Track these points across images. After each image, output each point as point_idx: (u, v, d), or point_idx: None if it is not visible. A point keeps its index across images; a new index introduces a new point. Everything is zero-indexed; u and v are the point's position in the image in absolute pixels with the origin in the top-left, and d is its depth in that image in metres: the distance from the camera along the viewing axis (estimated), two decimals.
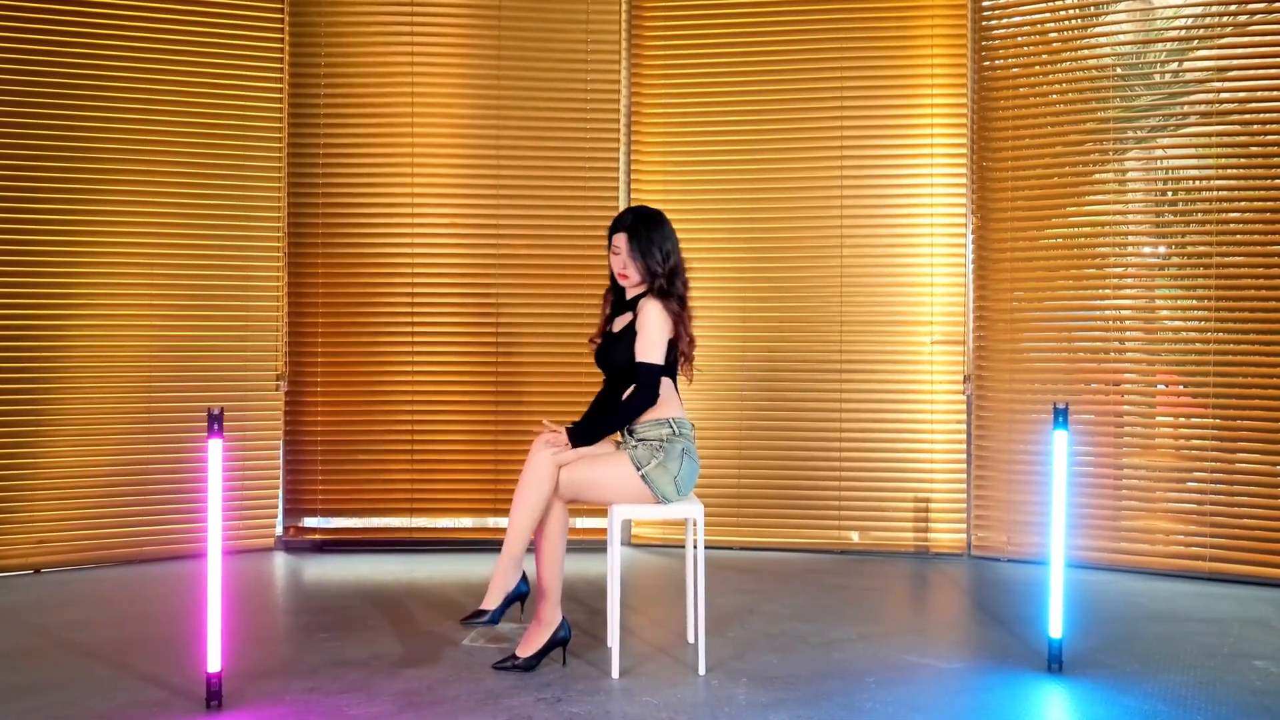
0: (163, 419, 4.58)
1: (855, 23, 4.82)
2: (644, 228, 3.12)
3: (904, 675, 3.06)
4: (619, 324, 3.19)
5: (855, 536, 4.80)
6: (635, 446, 3.08)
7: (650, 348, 3.03)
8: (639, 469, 3.01)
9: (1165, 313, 4.49)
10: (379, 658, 3.18)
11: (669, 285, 3.10)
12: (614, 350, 3.14)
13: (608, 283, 3.28)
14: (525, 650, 3.03)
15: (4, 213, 4.33)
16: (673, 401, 3.13)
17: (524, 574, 3.04)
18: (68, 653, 3.24)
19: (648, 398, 3.03)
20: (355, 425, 4.86)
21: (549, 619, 3.04)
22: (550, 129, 4.90)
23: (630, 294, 3.19)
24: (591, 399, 3.32)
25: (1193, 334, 4.37)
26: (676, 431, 3.07)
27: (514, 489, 2.99)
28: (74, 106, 4.44)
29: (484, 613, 2.94)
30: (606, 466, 3.04)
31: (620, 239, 3.12)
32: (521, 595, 3.03)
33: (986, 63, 4.74)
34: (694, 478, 3.10)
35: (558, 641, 3.06)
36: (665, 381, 3.09)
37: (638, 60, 4.97)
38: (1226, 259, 4.27)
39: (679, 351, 3.15)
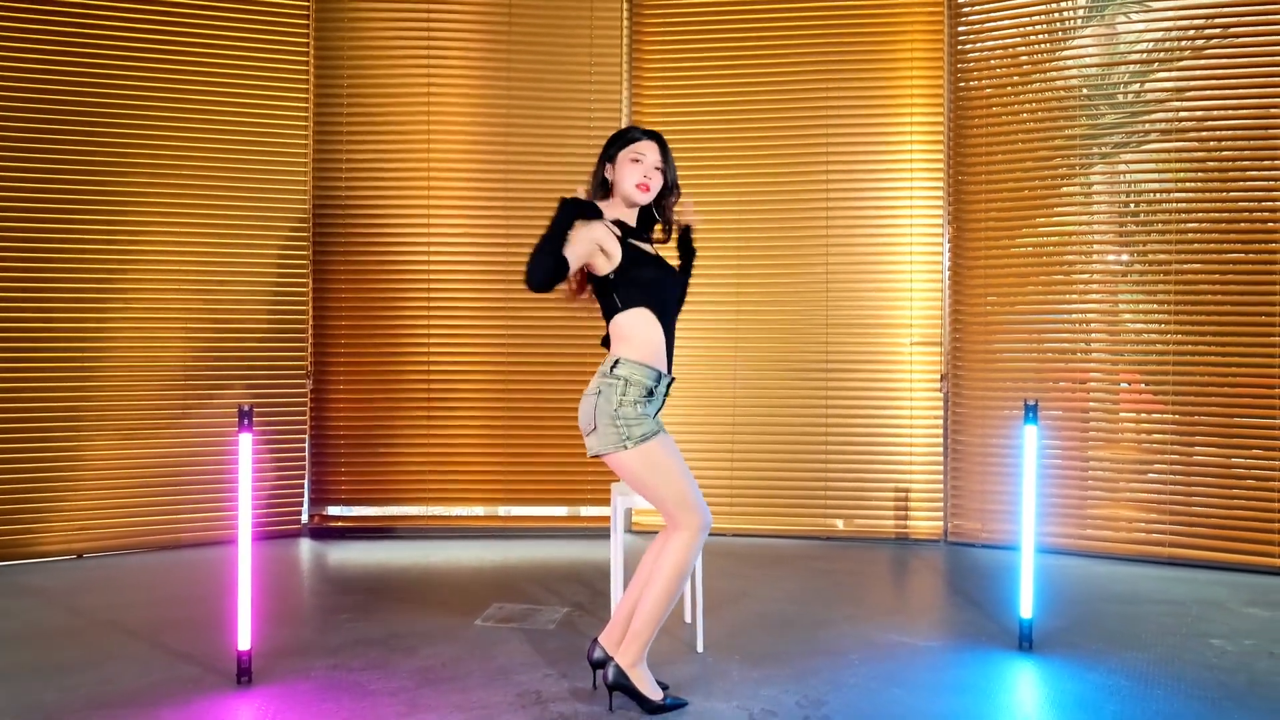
0: (198, 414, 4.58)
1: (840, 45, 4.83)
2: (664, 142, 2.59)
3: (885, 653, 3.07)
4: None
5: (840, 524, 4.81)
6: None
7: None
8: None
9: (1128, 316, 4.50)
10: (397, 637, 3.19)
11: (663, 198, 2.60)
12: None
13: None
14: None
15: (52, 222, 4.34)
16: (627, 342, 2.50)
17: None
18: (107, 633, 3.25)
19: (536, 264, 2.47)
20: (375, 420, 4.87)
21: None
22: (557, 144, 4.90)
23: (629, 214, 2.60)
24: None
25: (1154, 336, 4.37)
26: (608, 370, 2.48)
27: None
28: (116, 127, 4.44)
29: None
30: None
31: (649, 146, 2.53)
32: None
33: (962, 83, 4.75)
34: (643, 408, 2.43)
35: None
36: (632, 316, 2.50)
37: (638, 80, 4.98)
38: (1185, 266, 4.28)
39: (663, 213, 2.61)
